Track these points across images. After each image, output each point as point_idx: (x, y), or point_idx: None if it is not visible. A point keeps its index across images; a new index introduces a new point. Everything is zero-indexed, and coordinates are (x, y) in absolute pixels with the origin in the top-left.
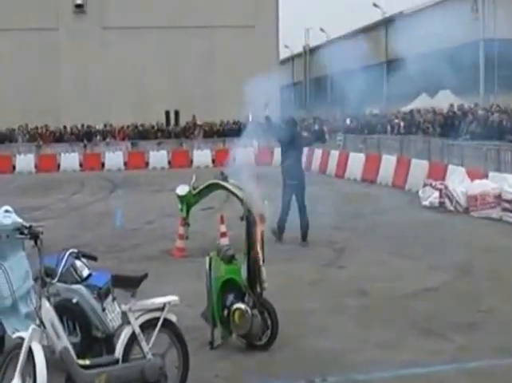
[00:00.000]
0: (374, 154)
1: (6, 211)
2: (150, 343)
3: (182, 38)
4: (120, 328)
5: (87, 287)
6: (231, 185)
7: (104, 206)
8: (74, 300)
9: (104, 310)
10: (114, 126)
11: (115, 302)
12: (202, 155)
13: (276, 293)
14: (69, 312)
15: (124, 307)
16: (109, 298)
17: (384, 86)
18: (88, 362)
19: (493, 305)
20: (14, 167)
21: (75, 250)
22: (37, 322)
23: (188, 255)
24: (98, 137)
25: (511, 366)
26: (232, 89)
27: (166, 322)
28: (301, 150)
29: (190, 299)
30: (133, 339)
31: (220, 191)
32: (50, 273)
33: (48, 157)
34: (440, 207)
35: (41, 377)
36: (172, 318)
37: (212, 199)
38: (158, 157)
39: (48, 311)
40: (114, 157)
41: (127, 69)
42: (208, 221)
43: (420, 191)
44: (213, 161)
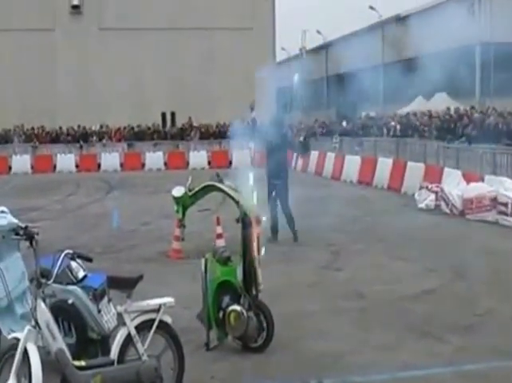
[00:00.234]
0: (370, 156)
1: (2, 212)
2: (145, 344)
3: (179, 40)
4: (116, 329)
5: (82, 288)
6: (227, 187)
7: (101, 207)
8: (70, 301)
9: (100, 311)
10: (110, 127)
11: (110, 303)
12: (198, 156)
13: (273, 295)
14: (65, 313)
15: (120, 308)
16: (105, 299)
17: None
18: (83, 363)
19: (490, 307)
20: (10, 167)
21: (70, 251)
22: (33, 323)
23: (184, 257)
24: (94, 138)
25: (508, 368)
26: (230, 91)
27: (161, 324)
28: (286, 150)
29: (185, 301)
30: (129, 340)
31: (216, 192)
32: (46, 274)
33: (44, 158)
34: (436, 210)
35: (37, 378)
36: (168, 320)
37: (208, 201)
38: (154, 158)
39: (43, 312)
40: (110, 158)
41: (124, 70)
42: (204, 222)
43: (416, 193)
44: (209, 163)
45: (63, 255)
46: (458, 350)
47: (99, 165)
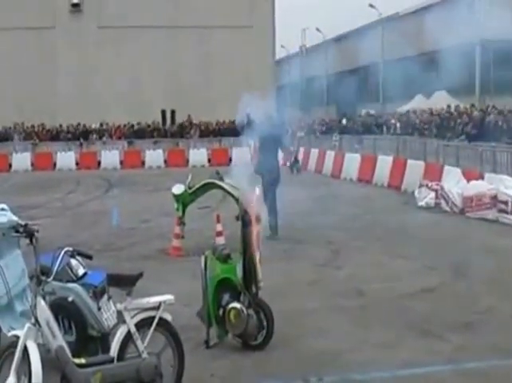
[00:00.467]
0: (370, 154)
1: (2, 210)
2: (145, 342)
3: (179, 38)
4: (116, 327)
5: (82, 286)
6: (227, 184)
7: (100, 205)
8: (70, 299)
9: (100, 309)
10: (110, 125)
11: (110, 301)
12: (198, 154)
13: (273, 292)
14: (65, 311)
15: (120, 306)
16: (105, 297)
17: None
18: (83, 361)
19: (490, 305)
20: (10, 165)
21: (70, 248)
22: (33, 321)
23: (184, 254)
24: (94, 136)
25: (508, 367)
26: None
27: (161, 321)
28: (277, 146)
29: (185, 298)
30: (128, 338)
31: (216, 190)
32: (46, 271)
33: (44, 156)
34: (436, 208)
35: (37, 376)
36: (168, 317)
37: (208, 199)
38: (154, 156)
39: (43, 310)
40: (110, 156)
41: (123, 68)
42: (204, 220)
43: (416, 191)
44: (209, 160)
45: (63, 253)
46: (457, 348)
47: (99, 163)
